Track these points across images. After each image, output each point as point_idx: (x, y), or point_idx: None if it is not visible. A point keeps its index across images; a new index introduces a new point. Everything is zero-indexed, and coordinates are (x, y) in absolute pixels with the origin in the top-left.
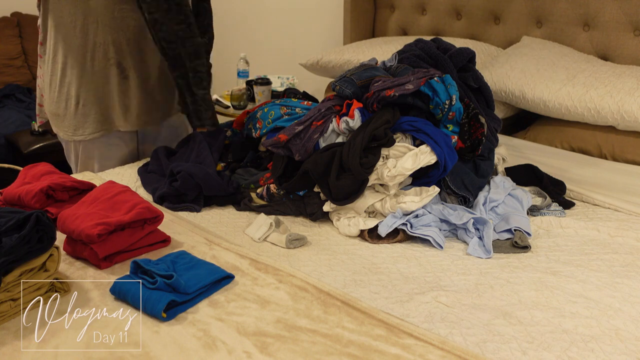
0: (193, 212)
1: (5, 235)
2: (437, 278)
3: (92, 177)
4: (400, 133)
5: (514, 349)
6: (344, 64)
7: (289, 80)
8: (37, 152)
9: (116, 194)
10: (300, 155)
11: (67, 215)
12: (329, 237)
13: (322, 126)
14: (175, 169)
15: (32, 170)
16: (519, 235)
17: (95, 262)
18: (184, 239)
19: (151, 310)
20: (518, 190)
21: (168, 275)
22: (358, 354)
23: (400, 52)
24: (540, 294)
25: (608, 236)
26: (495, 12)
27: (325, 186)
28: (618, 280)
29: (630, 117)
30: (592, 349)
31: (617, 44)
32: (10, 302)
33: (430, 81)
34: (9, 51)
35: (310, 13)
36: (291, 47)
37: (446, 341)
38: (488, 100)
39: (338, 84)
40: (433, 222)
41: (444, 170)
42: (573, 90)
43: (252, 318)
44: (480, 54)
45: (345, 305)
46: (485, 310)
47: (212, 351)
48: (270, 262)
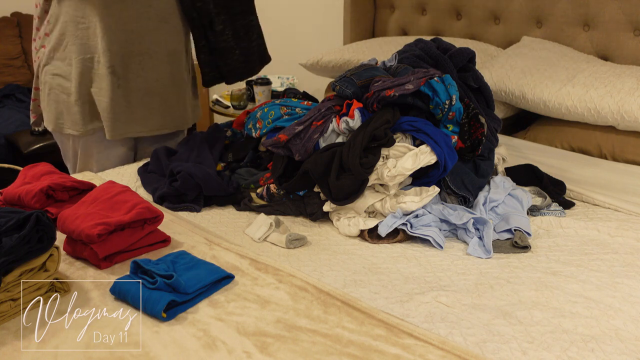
0: (193, 212)
1: (5, 235)
2: (437, 278)
3: (92, 177)
4: (400, 133)
5: (514, 349)
6: (344, 64)
7: (289, 80)
8: (37, 152)
9: (116, 194)
10: (300, 155)
11: (67, 215)
12: (329, 237)
13: (322, 126)
14: (175, 169)
15: (32, 170)
16: (519, 235)
17: (95, 262)
18: (184, 239)
19: (151, 310)
20: (518, 190)
21: (168, 275)
22: (358, 354)
23: (400, 52)
24: (540, 294)
25: (608, 236)
26: (495, 12)
27: (325, 186)
28: (618, 280)
29: (630, 117)
30: (592, 349)
31: (617, 44)
32: (10, 302)
33: (430, 81)
34: (9, 51)
35: (310, 13)
36: (291, 47)
37: (446, 341)
38: (488, 100)
39: (338, 84)
40: (433, 222)
41: (444, 170)
42: (573, 90)
43: (252, 318)
44: (480, 54)
45: (345, 305)
46: (485, 310)
47: (212, 351)
48: (270, 262)
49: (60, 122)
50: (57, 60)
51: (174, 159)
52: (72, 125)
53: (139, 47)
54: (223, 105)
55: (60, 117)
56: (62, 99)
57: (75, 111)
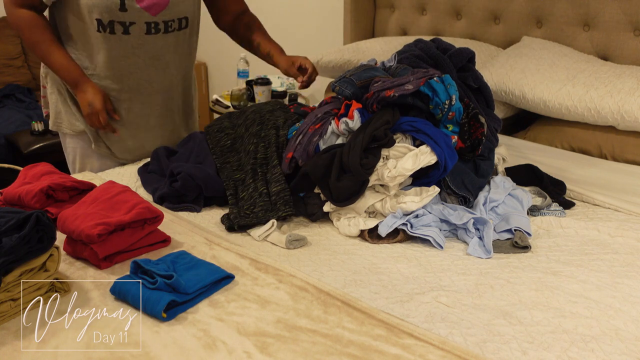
0: (193, 212)
1: (5, 235)
2: (437, 278)
3: (92, 177)
4: (400, 133)
5: (514, 349)
6: (344, 64)
7: (288, 80)
8: (37, 152)
9: (116, 194)
10: (302, 160)
11: (67, 215)
12: (329, 237)
13: (320, 129)
14: (175, 170)
15: (32, 170)
16: (519, 235)
17: (95, 262)
18: (184, 239)
19: (151, 310)
20: (518, 190)
21: (168, 275)
22: (358, 354)
23: (400, 52)
24: (541, 294)
25: (608, 236)
26: (495, 12)
27: (326, 188)
28: (618, 281)
29: (630, 117)
30: (592, 349)
31: (617, 44)
32: (10, 302)
33: (430, 81)
34: (9, 51)
35: (310, 13)
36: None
37: (446, 341)
38: (488, 100)
39: (338, 85)
40: (433, 222)
41: (444, 170)
42: (573, 90)
43: (252, 318)
44: (480, 54)
45: (345, 305)
46: (485, 311)
47: (212, 351)
48: (271, 262)
49: (59, 121)
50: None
51: (174, 159)
52: (69, 125)
53: (128, 83)
54: (223, 105)
55: (59, 117)
56: (61, 99)
57: (72, 111)
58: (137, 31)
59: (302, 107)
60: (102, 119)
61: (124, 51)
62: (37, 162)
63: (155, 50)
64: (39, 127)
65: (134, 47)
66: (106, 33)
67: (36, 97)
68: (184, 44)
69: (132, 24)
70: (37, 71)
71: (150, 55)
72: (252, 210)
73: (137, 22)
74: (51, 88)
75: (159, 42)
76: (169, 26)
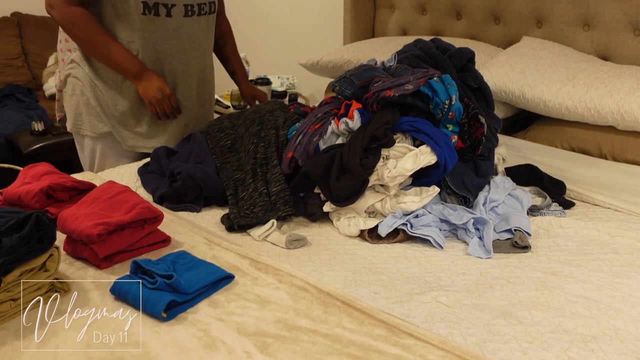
0: (193, 212)
1: (5, 235)
2: (437, 278)
3: (92, 177)
4: (400, 133)
5: (514, 349)
6: (344, 64)
7: (289, 80)
8: (37, 152)
9: (116, 194)
10: (302, 160)
11: (67, 215)
12: (329, 237)
13: (320, 129)
14: (175, 170)
15: (32, 170)
16: (519, 235)
17: (95, 262)
18: (184, 239)
19: (151, 310)
20: (518, 190)
21: (168, 275)
22: (358, 354)
23: (400, 52)
24: (540, 294)
25: (608, 236)
26: (495, 12)
27: (326, 188)
28: (618, 281)
29: (630, 117)
30: (592, 349)
31: (617, 44)
32: (10, 302)
33: (430, 81)
34: (9, 51)
35: (310, 13)
36: (291, 47)
37: (446, 341)
38: (488, 100)
39: (338, 85)
40: (433, 222)
41: (444, 170)
42: (573, 90)
43: (252, 318)
44: (480, 54)
45: (345, 305)
46: (485, 310)
47: (212, 351)
48: (271, 262)
49: (79, 123)
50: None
51: (174, 159)
52: (90, 126)
53: (170, 66)
54: (223, 105)
55: (79, 118)
56: (84, 100)
57: (97, 112)
58: (177, 13)
59: (302, 107)
60: (174, 102)
61: (166, 33)
62: (37, 162)
63: (191, 33)
64: (39, 127)
65: (174, 30)
66: (151, 15)
67: (36, 97)
68: (212, 28)
69: (173, 6)
70: (37, 71)
71: (188, 38)
72: (252, 210)
73: (177, 4)
74: (72, 90)
75: (194, 25)
76: (201, 9)
